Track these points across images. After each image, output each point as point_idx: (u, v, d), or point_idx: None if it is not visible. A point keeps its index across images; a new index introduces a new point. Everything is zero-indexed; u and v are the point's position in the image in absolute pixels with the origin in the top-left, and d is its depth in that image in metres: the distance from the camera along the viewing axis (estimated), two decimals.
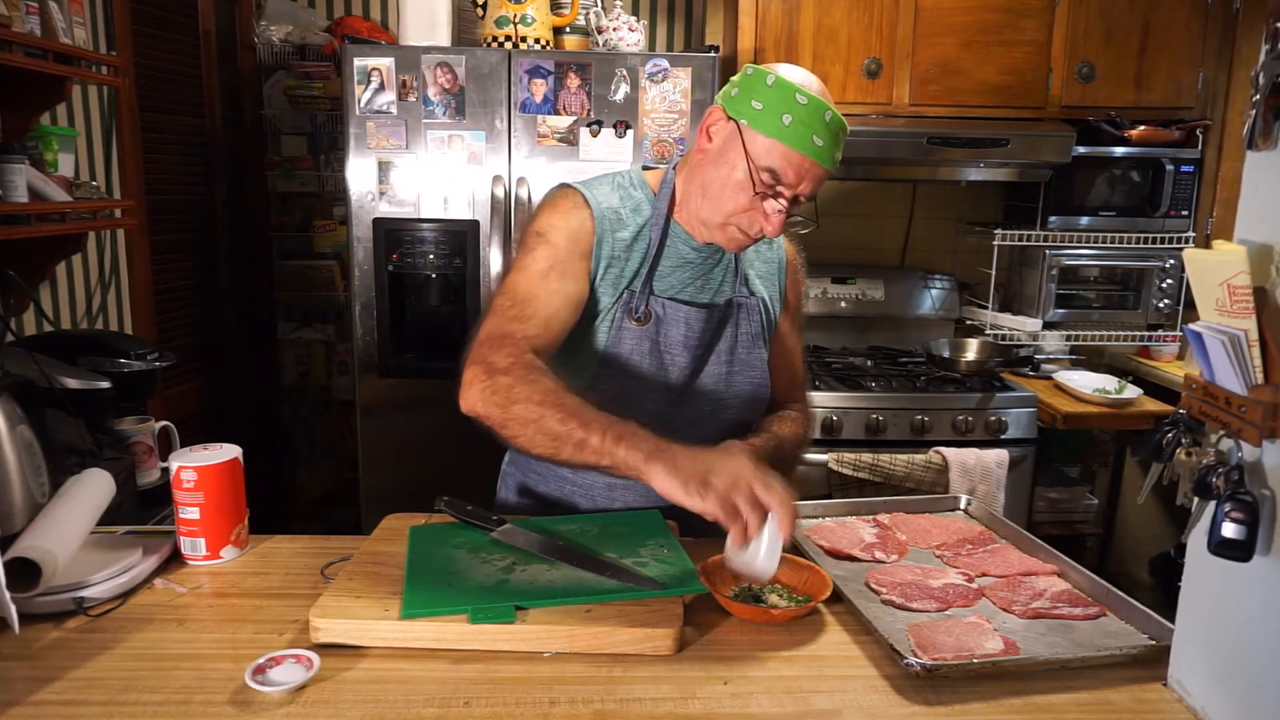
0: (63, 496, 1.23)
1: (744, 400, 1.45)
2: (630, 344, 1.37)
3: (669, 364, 1.39)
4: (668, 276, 1.40)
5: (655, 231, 1.39)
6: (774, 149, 1.26)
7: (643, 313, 1.37)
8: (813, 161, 1.26)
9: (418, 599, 1.06)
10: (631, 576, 1.11)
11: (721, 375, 1.42)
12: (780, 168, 1.26)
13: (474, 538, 1.24)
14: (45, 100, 1.99)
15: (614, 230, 1.37)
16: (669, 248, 1.40)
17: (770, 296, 1.49)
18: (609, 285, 1.37)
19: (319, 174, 3.29)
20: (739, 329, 1.44)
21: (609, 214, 1.36)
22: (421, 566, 1.14)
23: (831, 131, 1.26)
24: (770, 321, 1.49)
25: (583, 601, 1.06)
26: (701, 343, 1.40)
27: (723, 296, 1.43)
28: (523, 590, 1.09)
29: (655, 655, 1.01)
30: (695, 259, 1.41)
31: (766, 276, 1.49)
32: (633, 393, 1.38)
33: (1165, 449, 0.93)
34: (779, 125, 1.25)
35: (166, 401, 2.65)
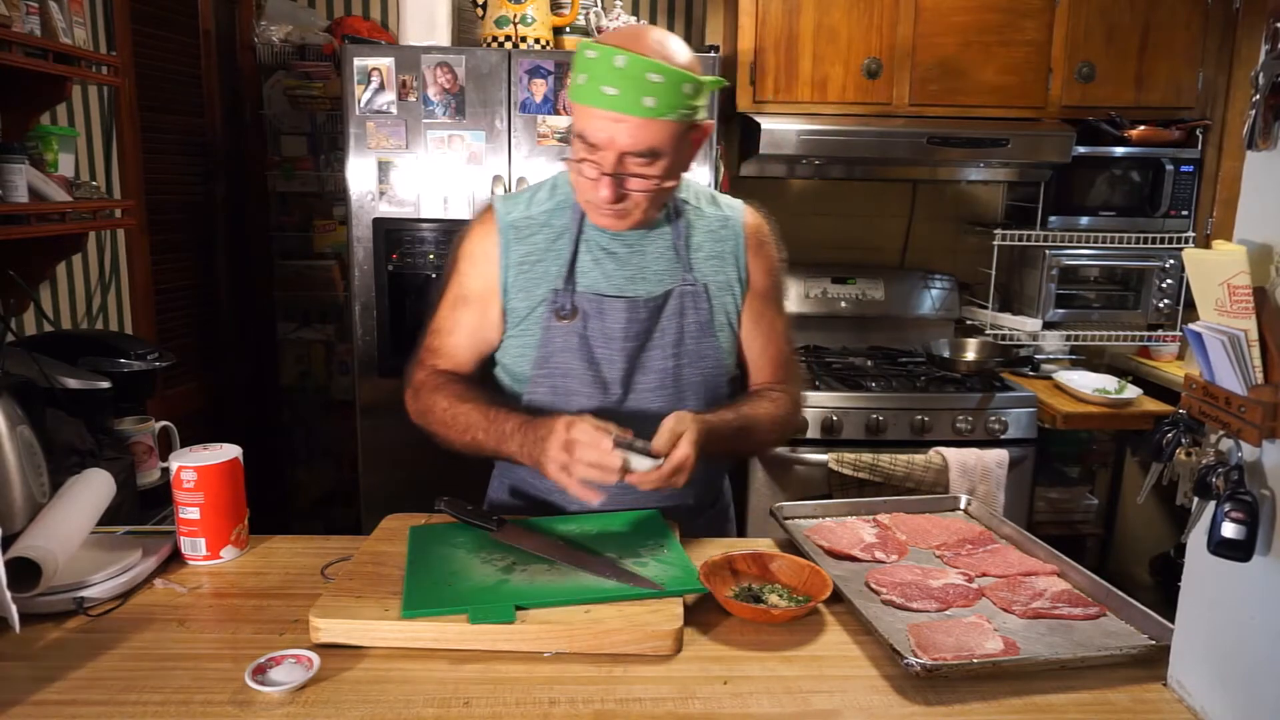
0: (63, 496, 1.23)
1: (699, 392, 1.41)
2: (559, 342, 1.36)
3: (602, 359, 1.37)
4: (591, 271, 1.38)
5: (572, 226, 1.38)
6: (577, 113, 1.25)
7: (568, 308, 1.36)
8: (612, 114, 1.20)
9: (418, 599, 1.06)
10: (631, 577, 1.11)
11: (668, 369, 1.39)
12: (585, 129, 1.24)
13: (474, 538, 1.24)
14: (45, 100, 1.99)
15: (524, 236, 1.38)
16: (589, 241, 1.38)
17: (726, 280, 1.42)
18: (526, 289, 1.38)
19: (319, 174, 3.29)
20: (685, 318, 1.39)
21: (516, 223, 1.39)
22: (421, 566, 1.15)
23: (629, 77, 1.19)
24: (733, 306, 1.43)
25: (582, 601, 1.06)
26: (638, 335, 1.37)
27: (662, 286, 1.39)
28: (522, 590, 1.09)
29: (655, 655, 1.01)
30: (620, 250, 1.38)
31: (719, 258, 1.43)
32: (569, 391, 1.37)
33: (1165, 449, 0.93)
34: (576, 87, 1.24)
35: (166, 401, 2.65)
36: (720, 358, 1.42)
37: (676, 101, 1.22)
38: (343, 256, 3.29)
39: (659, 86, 1.20)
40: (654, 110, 1.21)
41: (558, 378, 1.37)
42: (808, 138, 2.71)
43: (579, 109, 1.25)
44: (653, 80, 1.19)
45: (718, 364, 1.42)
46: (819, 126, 2.73)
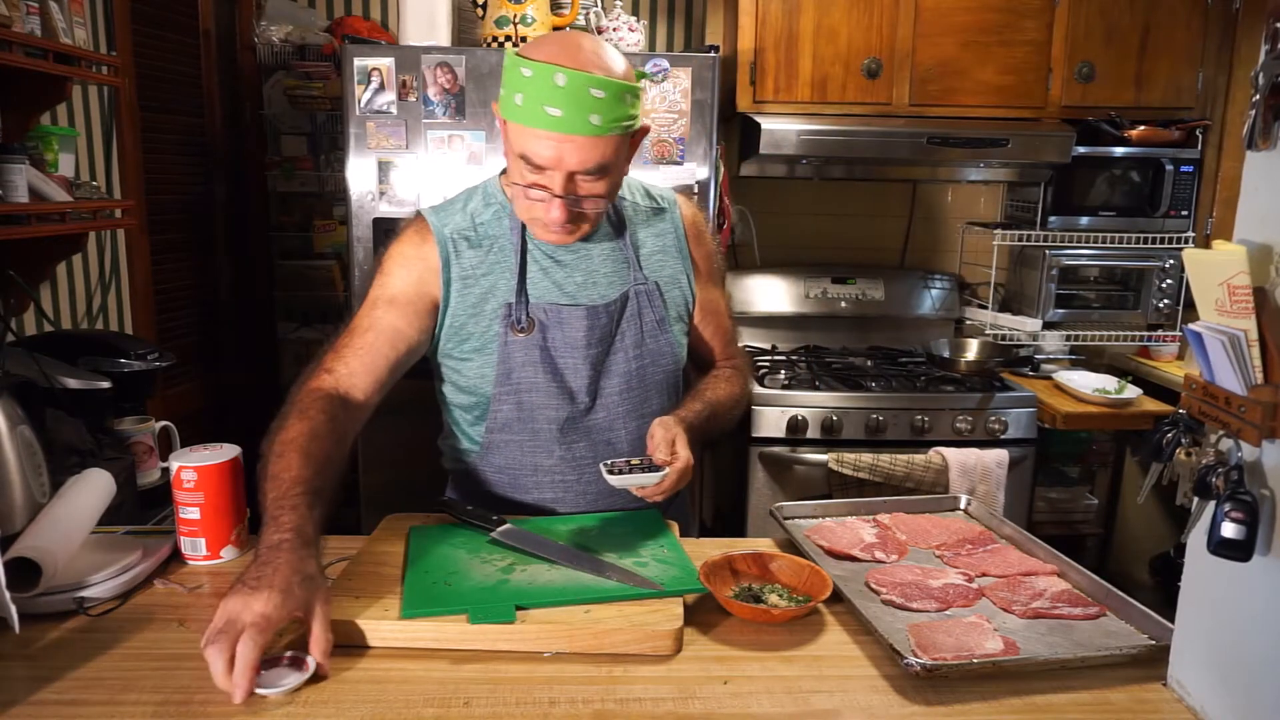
0: (63, 496, 1.23)
1: (665, 389, 1.43)
2: (520, 356, 1.34)
3: (566, 369, 1.35)
4: (541, 281, 1.35)
5: (514, 237, 1.35)
6: (519, 134, 1.20)
7: (525, 322, 1.33)
8: (558, 135, 1.16)
9: (417, 599, 1.06)
10: (631, 577, 1.11)
11: (631, 371, 1.38)
12: (529, 151, 1.19)
13: (474, 538, 1.23)
14: (45, 100, 1.99)
15: (463, 250, 1.34)
16: (535, 251, 1.35)
17: (672, 274, 1.43)
18: (474, 305, 1.34)
19: (319, 174, 3.28)
20: (642, 319, 1.38)
21: (454, 235, 1.34)
22: (421, 566, 1.15)
23: (572, 94, 1.14)
24: (685, 298, 1.44)
25: (583, 601, 1.06)
26: (600, 341, 1.36)
27: (615, 290, 1.37)
28: (522, 590, 1.09)
29: (655, 655, 1.01)
30: (566, 258, 1.36)
31: (662, 252, 1.43)
32: (534, 405, 1.35)
33: (1165, 449, 0.93)
34: (514, 107, 1.18)
35: (166, 401, 2.65)
36: (676, 352, 1.43)
37: (620, 114, 1.19)
38: (343, 256, 3.29)
39: (602, 102, 1.16)
40: (600, 127, 1.17)
41: (522, 392, 1.35)
42: (808, 138, 2.71)
43: (519, 129, 1.19)
44: (596, 96, 1.15)
45: (675, 359, 1.43)
46: (819, 126, 2.73)
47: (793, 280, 3.12)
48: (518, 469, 1.40)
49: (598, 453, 1.38)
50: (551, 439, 1.37)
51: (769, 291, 3.12)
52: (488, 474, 1.43)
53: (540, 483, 1.40)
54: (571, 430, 1.37)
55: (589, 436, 1.39)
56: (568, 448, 1.38)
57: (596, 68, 1.17)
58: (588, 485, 1.39)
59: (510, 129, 1.22)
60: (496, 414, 1.37)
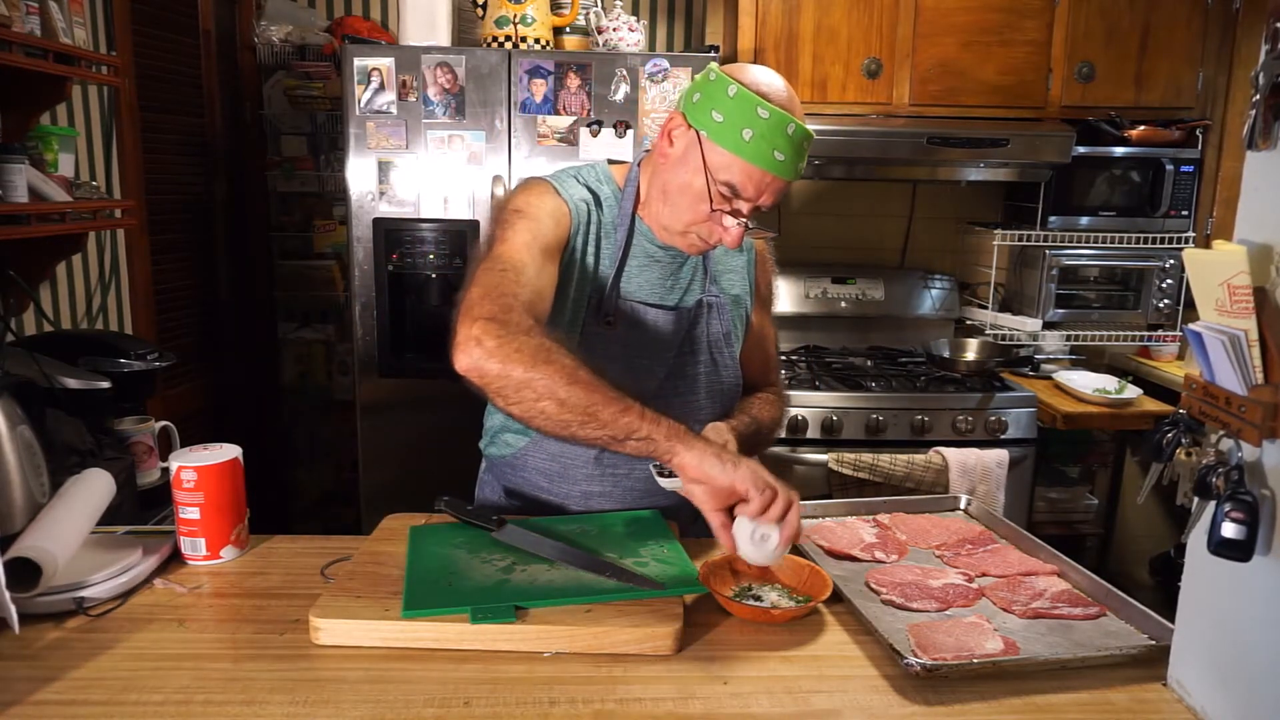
0: (63, 496, 1.23)
1: (717, 400, 1.44)
2: (601, 350, 1.33)
3: (640, 369, 1.36)
4: (635, 277, 1.36)
5: (621, 231, 1.35)
6: (733, 164, 1.22)
7: (612, 316, 1.34)
8: (774, 176, 1.23)
9: (418, 599, 1.06)
10: (631, 576, 1.11)
11: (696, 377, 1.40)
12: (739, 183, 1.23)
13: (474, 538, 1.23)
14: (45, 100, 1.98)
15: (584, 224, 1.33)
16: (636, 246, 1.36)
17: (741, 292, 1.47)
18: (573, 281, 1.32)
19: (319, 174, 3.29)
20: (710, 329, 1.41)
21: (581, 206, 1.32)
22: (421, 566, 1.15)
23: (794, 144, 1.21)
24: (745, 320, 1.48)
25: (583, 601, 1.06)
26: (672, 345, 1.38)
27: (693, 297, 1.40)
28: (523, 590, 1.09)
29: (655, 655, 1.01)
30: (663, 258, 1.38)
31: (737, 271, 1.47)
32: None
33: (1165, 449, 0.93)
34: (739, 140, 1.20)
35: (166, 401, 2.65)
36: (736, 367, 1.46)
37: (805, 163, 1.27)
38: (343, 256, 3.29)
39: (805, 155, 1.25)
40: (799, 172, 1.26)
41: None
42: None
43: (738, 162, 1.21)
44: (804, 148, 1.24)
45: (734, 372, 1.46)
46: (819, 126, 2.71)
47: (793, 280, 3.12)
48: (571, 459, 1.39)
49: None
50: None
51: None
52: (538, 460, 1.41)
53: (591, 475, 1.40)
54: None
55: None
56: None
57: (800, 115, 1.24)
58: (636, 481, 1.39)
59: (721, 155, 1.22)
60: None
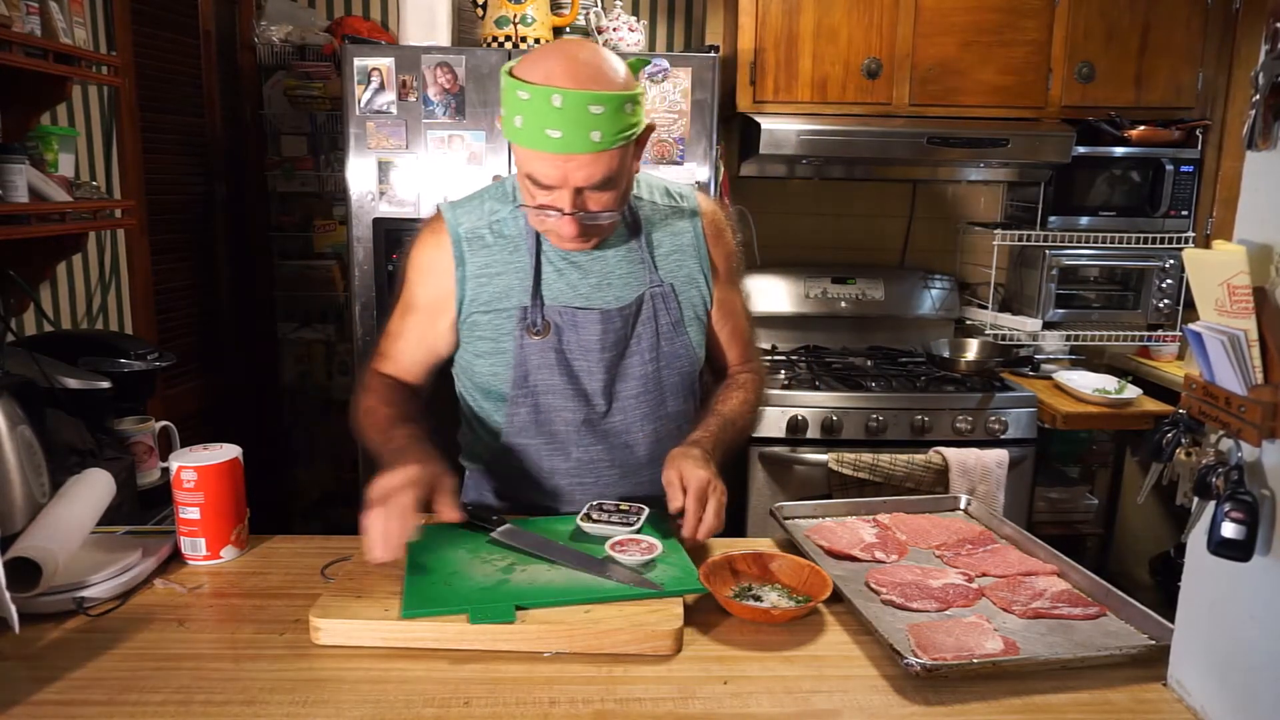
0: (63, 496, 1.23)
1: (678, 392, 1.42)
2: (536, 359, 1.34)
3: (582, 372, 1.35)
4: (555, 282, 1.35)
5: (529, 240, 1.35)
6: (522, 155, 1.20)
7: (540, 325, 1.33)
8: (561, 156, 1.16)
9: (417, 599, 1.06)
10: (632, 576, 1.12)
11: (648, 374, 1.38)
12: (535, 172, 1.20)
13: (474, 538, 1.24)
14: (45, 100, 1.98)
15: (479, 249, 1.35)
16: (550, 252, 1.35)
17: (689, 275, 1.41)
18: (488, 303, 1.34)
19: (319, 174, 3.29)
20: (658, 321, 1.38)
21: (470, 234, 1.35)
22: (421, 567, 1.15)
23: (569, 115, 1.13)
24: (702, 299, 1.43)
25: (583, 601, 1.06)
26: (615, 344, 1.36)
27: (631, 292, 1.37)
28: (522, 590, 1.09)
29: (655, 655, 1.01)
30: (581, 259, 1.35)
31: (679, 251, 1.41)
32: (551, 409, 1.36)
33: (1165, 449, 0.93)
34: (515, 129, 1.18)
35: (166, 401, 2.65)
36: (693, 354, 1.42)
37: (621, 124, 1.18)
38: (343, 256, 3.29)
39: (602, 117, 1.15)
40: (602, 143, 1.16)
41: (539, 395, 1.35)
42: (808, 138, 2.71)
43: (521, 152, 1.19)
44: (595, 113, 1.14)
45: (692, 361, 1.42)
46: (819, 126, 2.73)
47: (793, 280, 3.12)
48: (535, 471, 1.40)
49: (614, 456, 1.39)
50: (569, 441, 1.38)
51: (769, 291, 3.12)
52: (505, 474, 1.43)
53: (558, 485, 1.40)
54: (589, 433, 1.38)
55: (606, 440, 1.39)
56: (585, 450, 1.38)
57: (593, 82, 1.15)
58: (605, 488, 1.40)
59: (516, 152, 1.22)
60: (514, 417, 1.37)
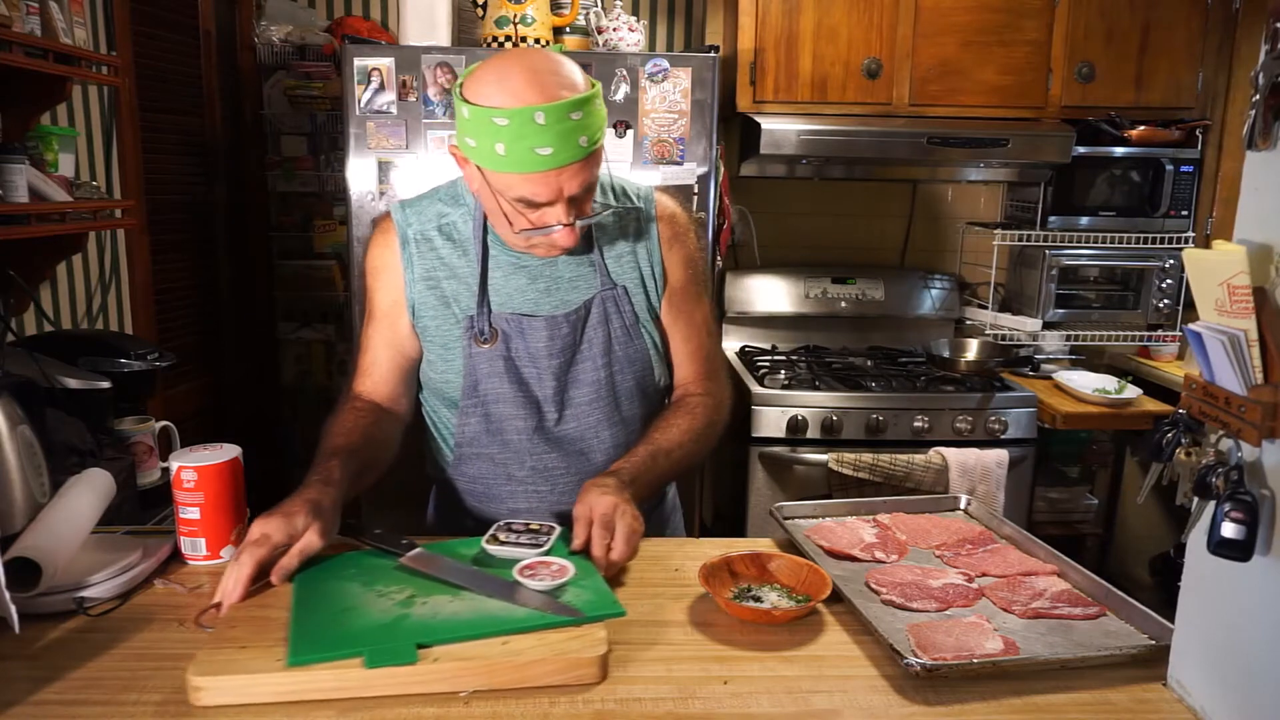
0: (63, 496, 1.23)
1: (634, 395, 1.38)
2: (485, 367, 1.31)
3: (531, 379, 1.32)
4: (503, 287, 1.32)
5: (476, 245, 1.32)
6: (510, 181, 1.17)
7: (487, 332, 1.30)
8: (554, 170, 1.15)
9: (306, 643, 0.94)
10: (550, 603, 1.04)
11: (600, 380, 1.34)
12: (527, 194, 1.17)
13: (368, 568, 1.13)
14: (45, 100, 1.99)
15: (427, 251, 1.32)
16: (498, 257, 1.32)
17: (642, 275, 1.36)
18: (436, 308, 1.32)
19: (319, 174, 3.29)
20: (610, 325, 1.33)
21: (419, 236, 1.33)
22: (309, 605, 1.04)
23: (554, 127, 1.11)
24: (651, 303, 1.37)
25: (494, 634, 0.98)
26: (564, 350, 1.32)
27: (580, 295, 1.33)
28: (425, 626, 0.99)
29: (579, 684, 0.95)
30: (529, 262, 1.32)
31: (628, 254, 1.36)
32: (502, 417, 1.33)
33: (1165, 449, 0.93)
34: (497, 157, 1.14)
35: (167, 401, 2.65)
36: (649, 357, 1.38)
37: (599, 122, 1.17)
38: (343, 256, 3.29)
39: (583, 121, 1.14)
40: (588, 146, 1.16)
41: (489, 404, 1.33)
42: (808, 138, 2.71)
43: (510, 178, 1.16)
44: (576, 119, 1.13)
45: (647, 364, 1.38)
46: (819, 126, 2.73)
47: (793, 280, 3.12)
48: (490, 479, 1.37)
49: (570, 463, 1.36)
50: (522, 450, 1.35)
51: (769, 291, 3.12)
52: (461, 484, 1.40)
53: (515, 493, 1.37)
54: (542, 441, 1.34)
55: (561, 447, 1.35)
56: (539, 458, 1.35)
57: (565, 89, 1.14)
58: (561, 495, 1.36)
59: (498, 178, 1.18)
60: (465, 426, 1.35)
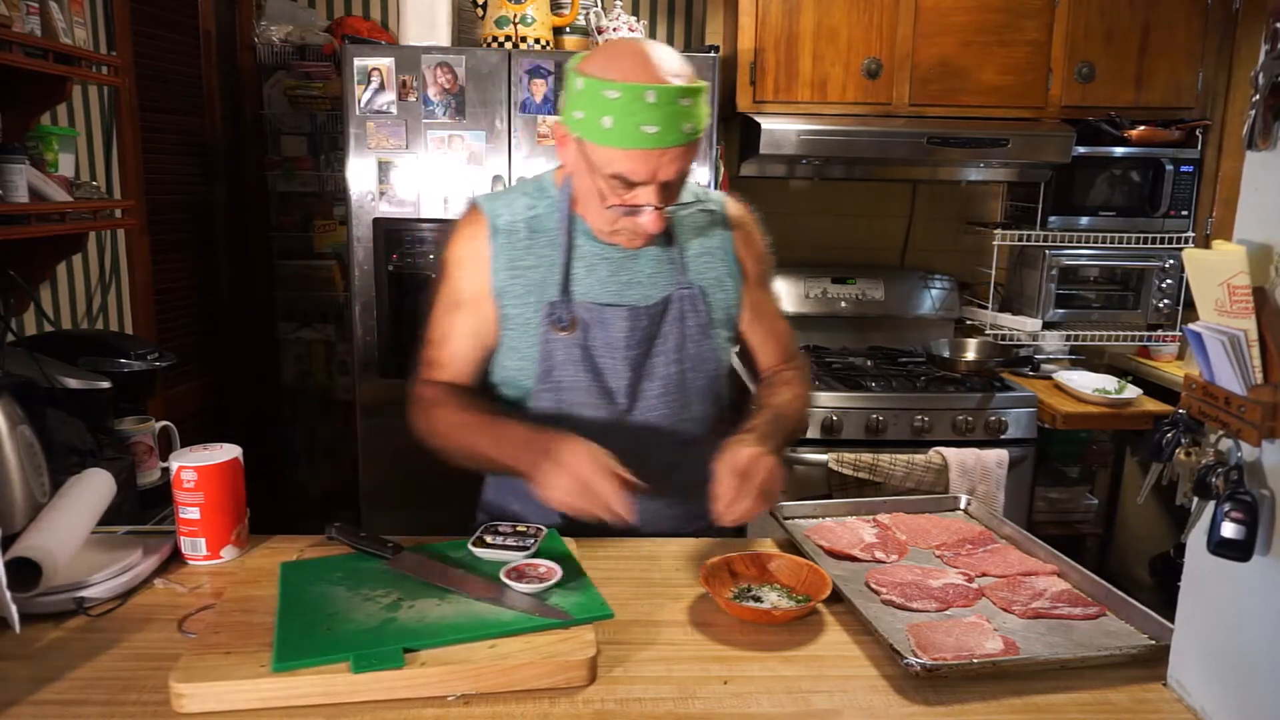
0: (63, 496, 1.23)
1: (704, 395, 1.41)
2: (561, 354, 1.33)
3: (606, 369, 1.34)
4: (585, 278, 1.34)
5: (561, 236, 1.35)
6: (611, 156, 1.19)
7: (567, 320, 1.32)
8: (656, 150, 1.18)
9: (291, 649, 0.94)
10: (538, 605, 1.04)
11: (672, 375, 1.36)
12: (625, 170, 1.20)
13: (353, 571, 1.13)
14: (45, 100, 1.98)
15: (514, 241, 1.35)
16: (581, 248, 1.35)
17: (718, 277, 1.41)
18: (520, 296, 1.34)
19: (319, 174, 3.29)
20: (685, 323, 1.37)
21: (507, 226, 1.35)
22: (294, 610, 1.03)
23: (663, 109, 1.16)
24: (729, 302, 1.42)
25: (481, 637, 0.98)
26: (641, 343, 1.35)
27: (659, 291, 1.36)
28: (411, 629, 0.99)
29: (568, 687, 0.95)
30: (613, 254, 1.35)
31: (708, 254, 1.41)
32: (574, 404, 1.35)
33: (1165, 449, 0.93)
34: (601, 130, 1.18)
35: (167, 401, 2.64)
36: (720, 358, 1.42)
37: (703, 114, 1.23)
38: (343, 256, 3.29)
39: (690, 109, 1.19)
40: (693, 134, 1.20)
41: (562, 390, 1.35)
42: (808, 138, 2.71)
43: (612, 152, 1.19)
44: (685, 105, 1.18)
45: (718, 365, 1.42)
46: (819, 126, 2.73)
47: (793, 280, 3.12)
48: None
49: (637, 456, 1.34)
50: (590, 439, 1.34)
51: None
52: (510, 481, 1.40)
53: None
54: (610, 431, 1.35)
55: (627, 438, 1.35)
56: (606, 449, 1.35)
57: (676, 76, 1.19)
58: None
59: (598, 152, 1.21)
60: (535, 412, 1.36)
